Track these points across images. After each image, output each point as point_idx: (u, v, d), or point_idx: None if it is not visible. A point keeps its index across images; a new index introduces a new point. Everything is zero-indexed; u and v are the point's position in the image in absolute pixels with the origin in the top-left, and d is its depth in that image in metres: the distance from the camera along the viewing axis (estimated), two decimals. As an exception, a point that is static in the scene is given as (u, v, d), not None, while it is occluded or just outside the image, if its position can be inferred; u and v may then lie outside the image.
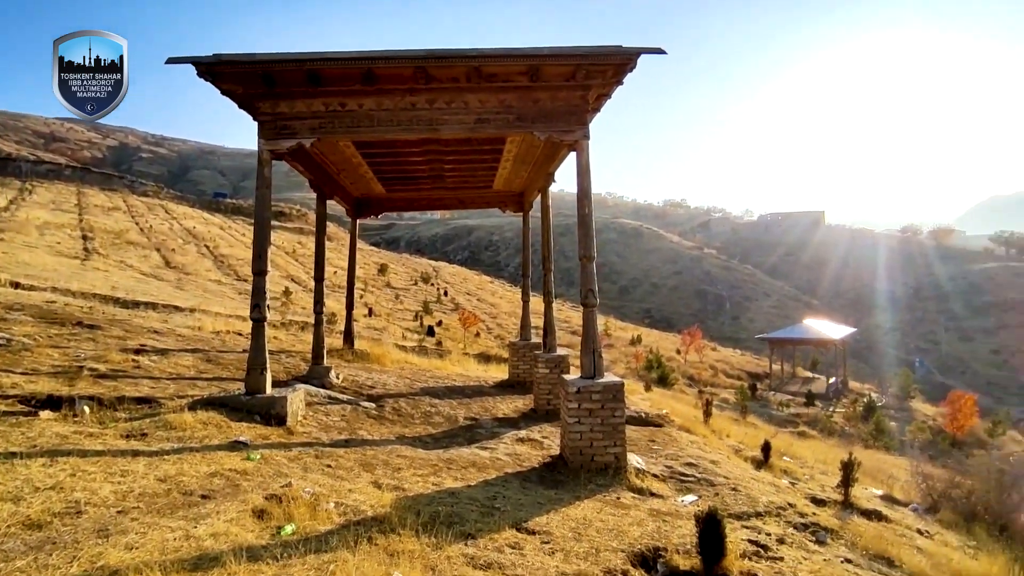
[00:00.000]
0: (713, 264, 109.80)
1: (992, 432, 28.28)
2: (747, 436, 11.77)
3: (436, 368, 11.53)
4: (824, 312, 64.51)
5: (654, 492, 5.15)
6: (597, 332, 5.99)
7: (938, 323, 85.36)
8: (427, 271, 53.53)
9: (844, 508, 6.40)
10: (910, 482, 8.85)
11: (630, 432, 6.84)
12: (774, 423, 20.74)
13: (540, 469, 5.55)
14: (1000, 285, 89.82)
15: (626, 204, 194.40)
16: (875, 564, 4.47)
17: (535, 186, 9.74)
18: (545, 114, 6.14)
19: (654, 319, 78.19)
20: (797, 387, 33.47)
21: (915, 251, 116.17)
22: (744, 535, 4.22)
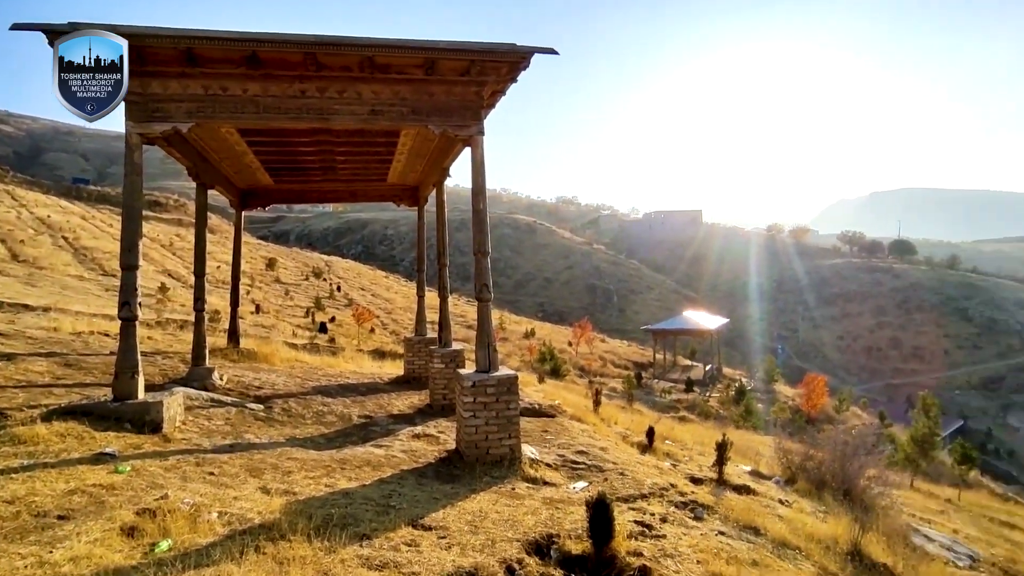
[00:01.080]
0: (602, 259, 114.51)
1: (839, 409, 32.04)
2: (633, 423, 12.45)
3: (329, 366, 11.14)
4: (702, 304, 69.47)
5: (548, 481, 5.33)
6: (492, 326, 6.08)
7: (796, 313, 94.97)
8: (319, 266, 51.39)
9: (719, 485, 6.97)
10: (773, 458, 9.80)
11: (524, 424, 7.02)
12: (658, 409, 22.06)
13: (436, 464, 5.56)
14: (844, 279, 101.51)
15: (520, 200, 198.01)
16: (744, 534, 4.92)
17: (430, 180, 9.67)
18: (440, 108, 6.11)
19: (547, 313, 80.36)
20: (678, 375, 35.81)
21: (778, 248, 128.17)
22: (631, 516, 4.49)
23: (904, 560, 5.48)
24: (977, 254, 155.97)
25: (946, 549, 7.52)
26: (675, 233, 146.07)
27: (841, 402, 33.62)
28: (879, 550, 5.47)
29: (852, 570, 4.91)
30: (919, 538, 7.49)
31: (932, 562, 6.16)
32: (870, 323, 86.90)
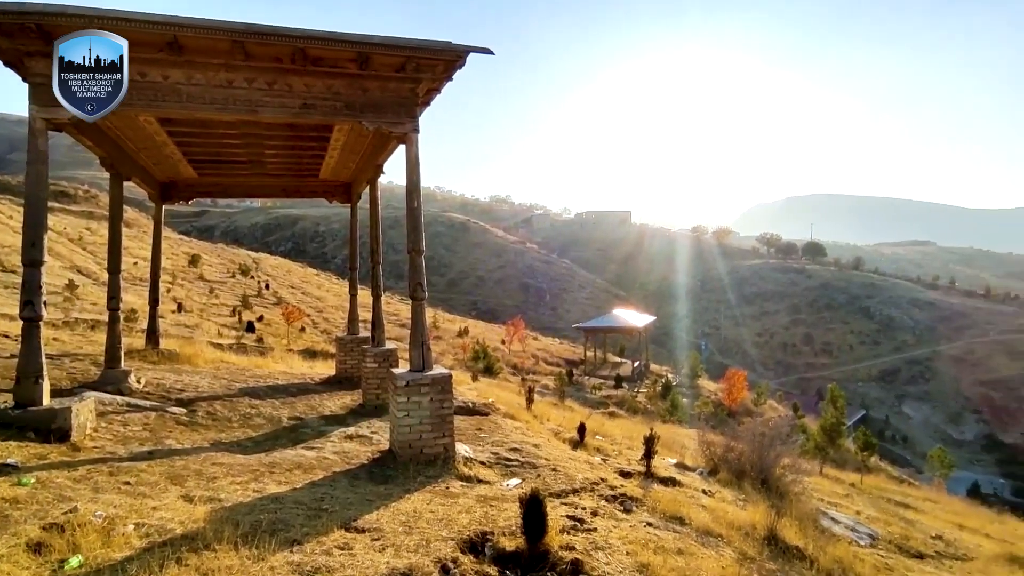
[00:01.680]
0: (535, 258, 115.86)
1: (757, 402, 33.86)
2: (565, 419, 12.68)
3: (257, 366, 10.72)
4: (631, 303, 71.61)
5: (482, 479, 5.37)
6: (426, 325, 6.06)
7: (719, 311, 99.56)
8: (246, 263, 49.21)
9: (647, 478, 7.23)
10: (697, 450, 10.24)
11: (458, 422, 7.04)
12: (589, 405, 22.55)
13: (370, 465, 5.49)
14: (763, 279, 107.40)
15: (454, 199, 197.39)
16: (671, 524, 5.14)
17: (363, 177, 9.48)
18: (374, 104, 6.01)
19: (480, 311, 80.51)
20: (608, 371, 36.70)
21: (703, 249, 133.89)
22: (563, 511, 4.60)
23: (814, 542, 5.87)
24: (878, 256, 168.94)
25: (850, 530, 8.12)
26: (606, 233, 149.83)
27: (759, 395, 35.55)
28: (792, 534, 5.84)
29: (768, 554, 5.22)
30: (827, 520, 8.05)
31: (838, 542, 6.64)
32: (785, 321, 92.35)
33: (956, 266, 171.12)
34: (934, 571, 7.22)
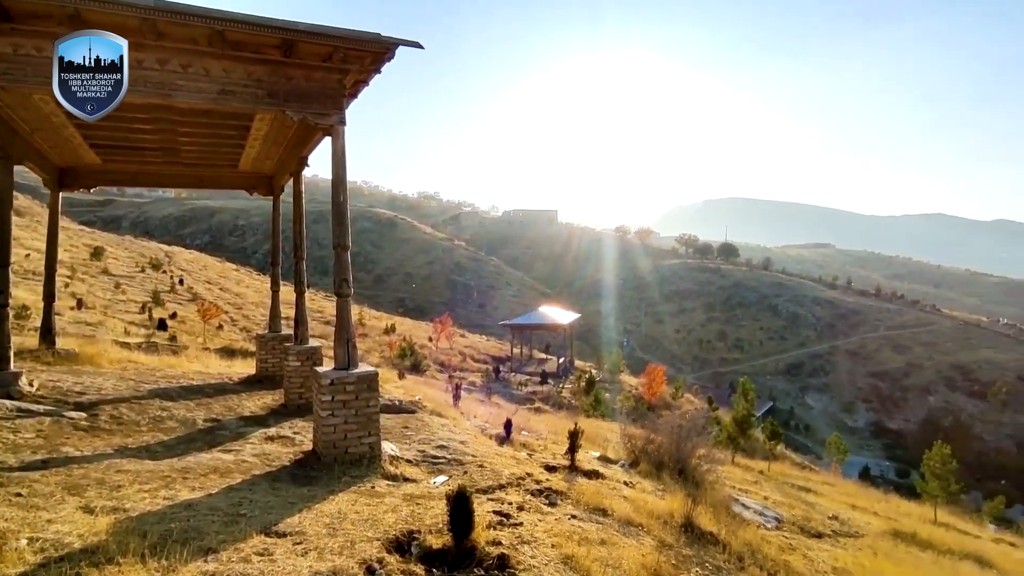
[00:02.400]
0: (463, 255, 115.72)
1: (675, 396, 35.31)
2: (492, 415, 12.78)
3: (169, 366, 10.10)
4: (557, 300, 72.85)
5: (408, 477, 5.33)
6: (351, 322, 5.93)
7: (640, 309, 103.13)
8: (157, 257, 46.13)
9: (571, 472, 7.40)
10: (619, 443, 10.61)
11: (385, 420, 6.94)
12: (515, 401, 22.82)
13: (292, 467, 5.31)
14: (681, 278, 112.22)
15: (382, 194, 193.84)
16: (594, 516, 5.29)
17: (287, 169, 9.13)
18: (299, 94, 5.80)
19: (408, 308, 79.59)
20: (534, 368, 37.18)
21: (626, 248, 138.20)
22: (490, 507, 4.65)
23: (726, 527, 6.23)
24: (785, 257, 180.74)
25: (759, 514, 8.67)
26: (533, 232, 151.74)
27: (677, 389, 37.11)
28: (707, 520, 6.16)
29: (685, 540, 5.48)
30: (738, 507, 8.55)
31: (748, 527, 7.07)
32: (702, 318, 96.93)
33: (852, 267, 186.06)
34: (830, 548, 7.82)
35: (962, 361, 72.63)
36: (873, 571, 6.57)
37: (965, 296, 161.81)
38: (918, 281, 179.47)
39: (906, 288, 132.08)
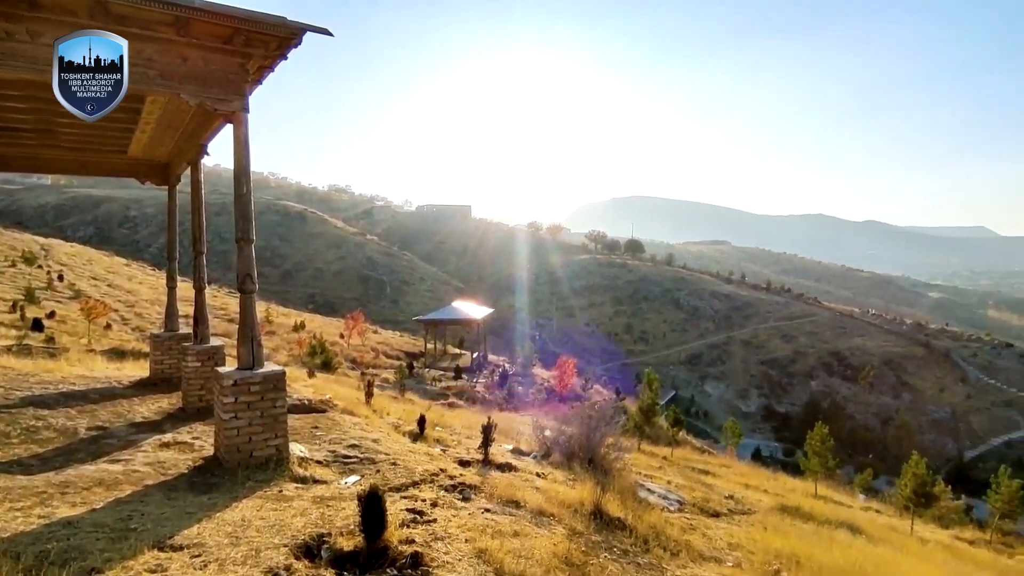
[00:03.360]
0: (376, 250, 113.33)
1: (585, 387, 36.43)
2: (405, 412, 12.61)
3: (46, 371, 9.14)
4: (470, 295, 72.95)
5: (318, 479, 5.17)
6: (256, 319, 5.65)
7: (552, 303, 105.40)
8: (32, 249, 41.53)
9: (485, 466, 7.46)
10: (531, 435, 10.80)
11: (293, 421, 6.69)
12: (429, 397, 22.65)
13: (191, 474, 5.00)
14: (591, 273, 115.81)
15: (290, 186, 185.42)
16: (507, 508, 5.37)
17: (184, 157, 8.51)
18: (197, 76, 5.43)
19: (318, 304, 76.93)
20: (448, 363, 37.05)
21: (538, 244, 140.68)
22: (403, 505, 4.60)
23: (633, 512, 6.52)
24: (686, 253, 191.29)
25: (663, 498, 9.14)
26: (447, 227, 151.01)
27: (587, 381, 38.32)
28: (615, 507, 6.42)
29: (594, 527, 5.69)
30: (644, 492, 8.96)
31: (652, 510, 7.43)
32: (610, 311, 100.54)
33: (746, 263, 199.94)
34: (727, 526, 8.38)
35: (838, 348, 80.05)
36: (762, 544, 7.10)
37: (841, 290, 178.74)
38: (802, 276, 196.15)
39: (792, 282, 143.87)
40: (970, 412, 67.10)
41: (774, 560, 6.41)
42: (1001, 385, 72.06)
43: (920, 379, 73.45)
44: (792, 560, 6.51)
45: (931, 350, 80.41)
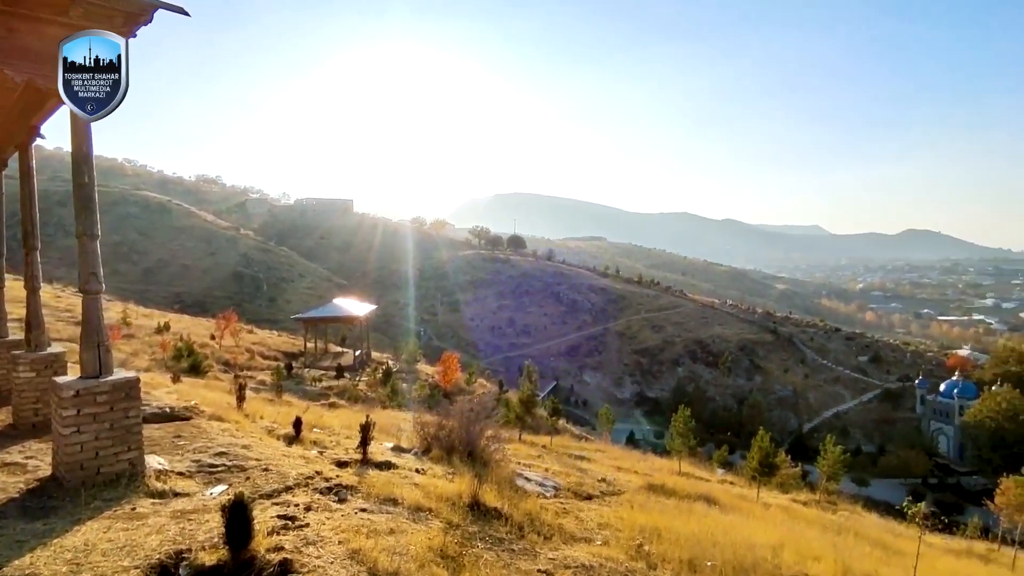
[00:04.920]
0: (251, 246, 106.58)
1: (469, 381, 36.77)
2: (281, 415, 12.06)
3: None
4: (353, 291, 70.78)
5: (179, 492, 4.86)
6: (103, 322, 5.17)
7: (436, 299, 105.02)
8: None
9: (363, 465, 7.37)
10: (412, 432, 10.79)
11: (152, 431, 6.22)
12: (309, 398, 21.77)
13: (22, 499, 4.48)
14: (475, 268, 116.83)
15: (150, 175, 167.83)
16: (384, 506, 5.38)
17: (12, 140, 7.51)
18: (27, 51, 4.84)
19: (186, 304, 70.91)
20: (329, 362, 35.74)
21: (422, 239, 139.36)
22: (274, 512, 4.46)
23: (509, 501, 6.77)
24: (566, 249, 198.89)
25: (539, 485, 9.54)
26: (328, 221, 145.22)
27: (471, 375, 38.63)
28: (492, 497, 6.63)
29: (472, 518, 5.85)
30: (521, 480, 9.30)
31: (529, 498, 7.76)
32: (493, 306, 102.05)
33: (620, 258, 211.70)
34: (598, 507, 8.93)
35: (701, 336, 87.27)
36: (629, 521, 7.68)
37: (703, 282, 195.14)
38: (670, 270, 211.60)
39: (661, 276, 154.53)
40: (808, 389, 76.15)
41: (639, 535, 6.95)
42: (831, 365, 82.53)
43: (769, 362, 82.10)
44: (654, 533, 7.11)
45: (777, 336, 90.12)
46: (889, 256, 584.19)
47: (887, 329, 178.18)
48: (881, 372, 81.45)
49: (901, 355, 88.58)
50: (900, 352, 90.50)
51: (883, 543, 11.97)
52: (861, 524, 15.30)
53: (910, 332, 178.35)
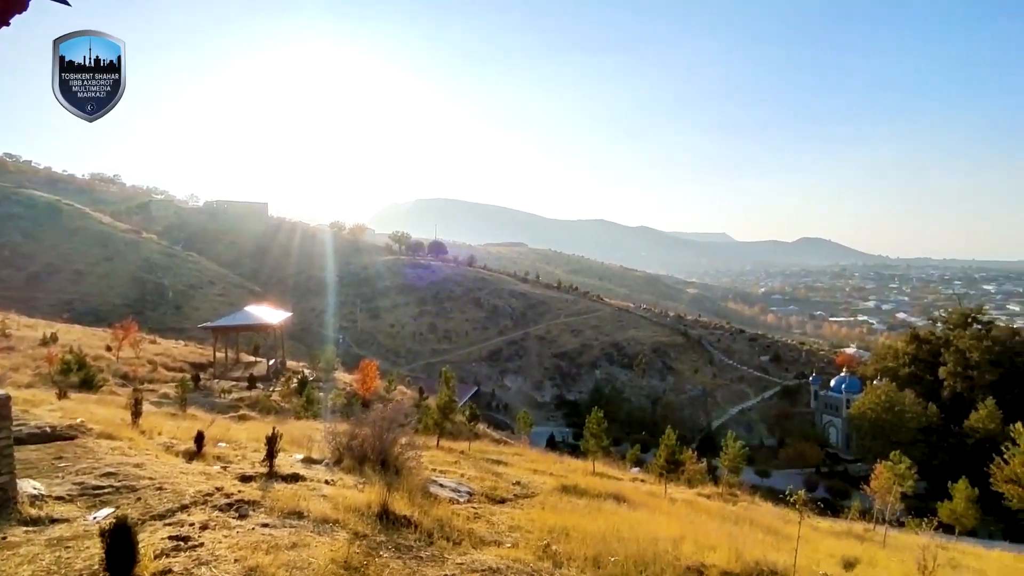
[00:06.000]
0: (154, 250, 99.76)
1: (388, 388, 36.16)
2: (182, 430, 11.44)
3: None
4: (268, 298, 67.75)
5: (57, 517, 4.54)
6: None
7: (356, 305, 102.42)
8: None
9: (269, 479, 7.15)
10: (324, 442, 10.54)
11: (28, 453, 5.77)
12: (218, 411, 20.73)
13: None
14: (395, 273, 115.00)
15: (36, 172, 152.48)
16: (289, 520, 5.27)
17: None
18: None
19: (78, 312, 65.22)
20: (241, 372, 34.03)
21: (341, 244, 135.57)
22: (166, 533, 4.28)
23: (420, 508, 6.80)
24: (487, 255, 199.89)
25: (453, 491, 9.59)
26: (240, 225, 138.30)
27: (390, 383, 37.97)
28: (402, 505, 6.63)
29: (380, 528, 5.84)
30: (435, 487, 9.32)
31: (441, 504, 7.80)
32: (414, 312, 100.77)
33: (540, 264, 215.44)
34: (511, 510, 9.11)
35: (617, 340, 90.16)
36: (539, 523, 7.89)
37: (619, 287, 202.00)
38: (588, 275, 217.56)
39: (580, 281, 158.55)
40: (716, 388, 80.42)
41: (547, 535, 7.17)
42: (736, 364, 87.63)
43: (680, 363, 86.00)
44: (563, 533, 7.35)
45: (688, 338, 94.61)
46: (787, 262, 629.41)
47: (786, 330, 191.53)
48: (781, 370, 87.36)
49: (798, 354, 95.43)
50: (797, 351, 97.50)
51: (775, 529, 12.91)
52: (757, 513, 16.40)
53: (806, 332, 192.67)
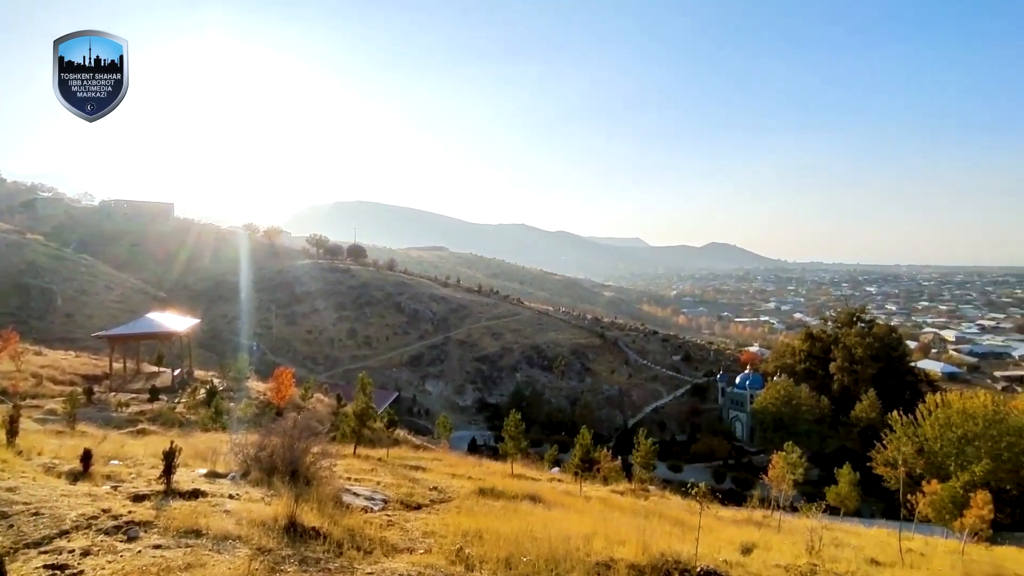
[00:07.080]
0: (40, 252, 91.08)
1: (305, 397, 34.90)
2: (68, 448, 10.57)
3: None
4: (173, 305, 63.58)
5: (-87, 551, 4.13)
6: None
7: (270, 311, 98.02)
8: None
9: (166, 496, 6.77)
10: (231, 455, 10.07)
11: None
12: (115, 426, 19.34)
13: None
14: (313, 278, 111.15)
15: None
16: (185, 539, 5.02)
17: None
18: None
19: (-55, 322, 58.28)
20: (142, 384, 31.75)
21: (255, 247, 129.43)
22: (41, 562, 3.98)
23: (330, 519, 6.66)
24: (408, 259, 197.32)
25: (368, 499, 9.44)
26: (142, 226, 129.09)
27: (307, 390, 36.66)
28: (312, 516, 6.48)
29: (287, 541, 5.68)
30: (349, 496, 9.15)
31: (353, 513, 7.68)
32: (333, 317, 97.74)
33: (461, 268, 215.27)
34: (426, 516, 9.08)
35: (537, 342, 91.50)
36: (454, 527, 7.92)
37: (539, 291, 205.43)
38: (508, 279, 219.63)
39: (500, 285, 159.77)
40: (632, 388, 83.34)
41: (461, 539, 7.22)
42: (650, 364, 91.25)
43: (598, 364, 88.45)
44: (476, 536, 7.43)
45: (605, 340, 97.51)
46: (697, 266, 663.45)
47: (696, 331, 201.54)
48: (691, 369, 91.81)
49: (707, 353, 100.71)
50: (706, 351, 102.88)
51: (681, 521, 13.60)
52: (667, 507, 17.20)
53: (714, 332, 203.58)
